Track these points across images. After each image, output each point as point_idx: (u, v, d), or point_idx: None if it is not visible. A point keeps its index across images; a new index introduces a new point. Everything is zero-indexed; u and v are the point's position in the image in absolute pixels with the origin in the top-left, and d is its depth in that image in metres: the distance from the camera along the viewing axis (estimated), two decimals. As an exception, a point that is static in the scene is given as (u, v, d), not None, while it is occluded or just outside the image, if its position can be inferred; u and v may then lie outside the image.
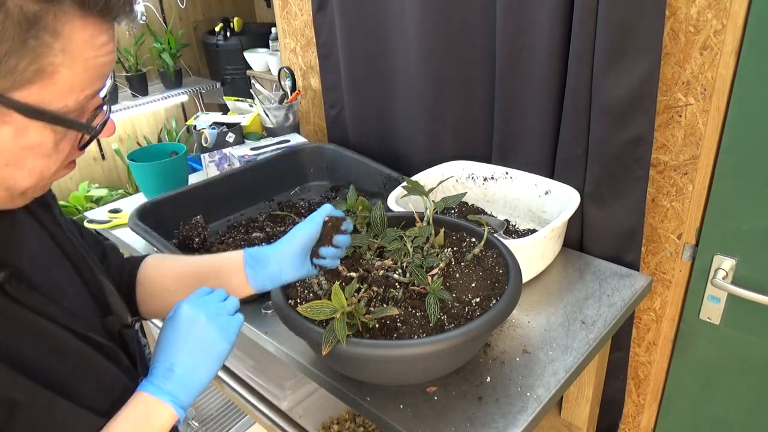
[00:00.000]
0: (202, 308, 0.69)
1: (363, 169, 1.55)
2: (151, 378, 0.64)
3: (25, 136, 0.52)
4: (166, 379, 0.64)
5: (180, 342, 0.66)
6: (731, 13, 0.96)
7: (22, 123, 0.51)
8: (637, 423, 1.43)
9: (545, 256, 1.18)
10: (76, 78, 0.52)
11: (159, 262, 0.88)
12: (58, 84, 0.51)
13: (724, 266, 1.12)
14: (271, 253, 0.84)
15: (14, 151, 0.52)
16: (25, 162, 0.53)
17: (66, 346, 0.60)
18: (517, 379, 0.94)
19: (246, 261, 0.84)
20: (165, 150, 1.63)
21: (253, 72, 3.14)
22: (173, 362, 0.65)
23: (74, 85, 0.52)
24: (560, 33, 1.13)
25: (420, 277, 0.89)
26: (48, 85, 0.50)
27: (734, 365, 1.20)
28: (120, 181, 3.38)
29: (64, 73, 0.51)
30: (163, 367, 0.65)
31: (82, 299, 0.68)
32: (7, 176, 0.53)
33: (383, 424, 0.89)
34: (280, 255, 0.84)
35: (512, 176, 1.34)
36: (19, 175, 0.54)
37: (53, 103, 0.51)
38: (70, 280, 0.68)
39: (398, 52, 1.49)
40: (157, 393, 0.63)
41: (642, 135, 1.10)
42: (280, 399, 1.28)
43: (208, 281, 0.84)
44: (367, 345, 0.79)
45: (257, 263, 0.84)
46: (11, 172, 0.53)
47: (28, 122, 0.51)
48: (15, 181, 0.54)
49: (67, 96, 0.52)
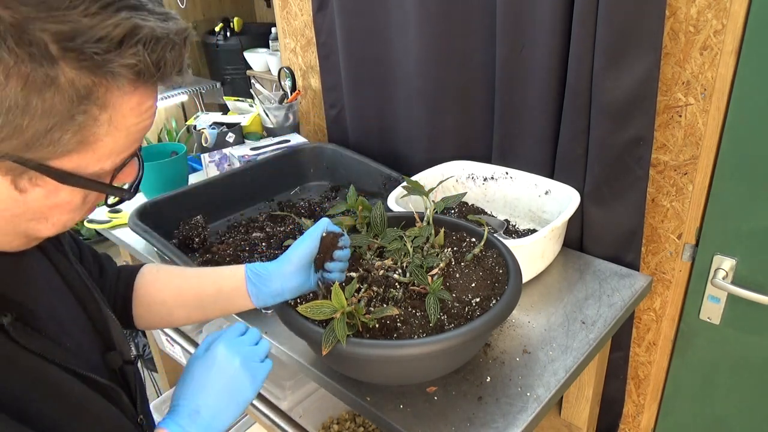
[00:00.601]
0: (238, 353, 0.69)
1: (363, 169, 1.55)
2: (176, 417, 0.64)
3: (56, 197, 0.51)
4: (192, 422, 0.63)
5: (210, 383, 0.66)
6: (731, 13, 0.97)
7: (55, 186, 0.50)
8: (637, 423, 1.43)
9: (545, 256, 1.18)
10: (116, 144, 0.51)
11: (156, 274, 0.87)
12: (98, 152, 0.50)
13: (724, 266, 1.12)
14: (274, 270, 0.83)
15: (41, 209, 0.51)
16: (51, 217, 0.53)
17: (68, 390, 0.59)
18: (517, 379, 0.94)
19: (248, 278, 0.83)
20: (165, 150, 1.63)
21: (253, 72, 3.15)
22: (200, 404, 0.64)
23: (113, 151, 0.51)
24: (560, 33, 1.13)
25: (420, 277, 0.89)
26: (88, 153, 0.49)
27: (734, 365, 1.20)
28: (120, 181, 3.38)
29: (107, 141, 0.50)
30: (189, 408, 0.64)
31: (86, 335, 0.67)
32: (30, 228, 0.53)
33: (383, 424, 0.89)
34: (282, 272, 0.83)
35: (512, 176, 1.34)
36: (42, 227, 0.54)
37: (89, 168, 0.51)
38: (75, 316, 0.67)
39: (398, 52, 1.49)
40: None
41: (642, 135, 1.10)
42: (280, 399, 1.28)
43: (208, 298, 0.84)
44: (367, 345, 0.79)
45: (260, 280, 0.83)
46: (35, 225, 0.53)
47: (62, 186, 0.50)
48: (37, 232, 0.54)
49: (104, 160, 0.51)
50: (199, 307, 0.85)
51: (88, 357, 0.65)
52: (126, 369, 0.70)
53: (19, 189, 0.49)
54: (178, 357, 1.51)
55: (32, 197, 0.50)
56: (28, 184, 0.49)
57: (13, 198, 0.49)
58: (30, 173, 0.48)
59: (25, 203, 0.50)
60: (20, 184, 0.48)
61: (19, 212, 0.51)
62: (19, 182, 0.48)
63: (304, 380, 1.30)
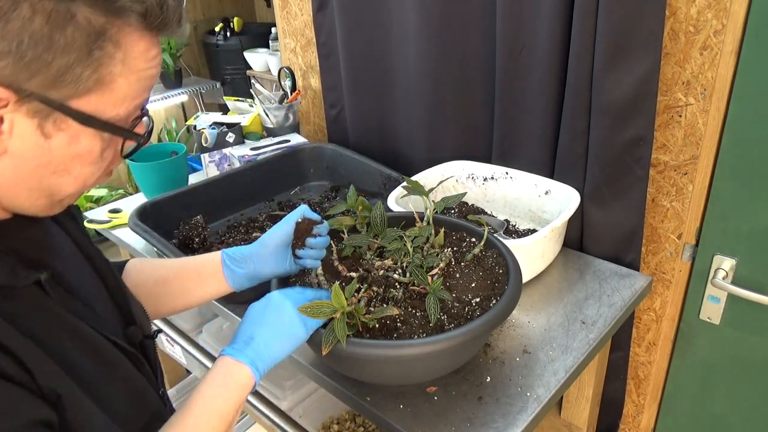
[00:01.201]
0: (290, 297, 0.77)
1: (363, 169, 1.55)
2: (233, 345, 0.72)
3: (77, 144, 0.54)
4: (246, 345, 0.71)
5: (264, 319, 0.75)
6: (731, 13, 0.97)
7: (77, 131, 0.53)
8: (637, 423, 1.43)
9: (545, 256, 1.18)
10: (130, 88, 0.54)
11: (140, 267, 0.90)
12: (114, 93, 0.53)
13: (724, 266, 1.12)
14: (248, 253, 0.89)
15: (64, 159, 0.54)
16: (73, 169, 0.55)
17: (100, 347, 0.62)
18: (517, 379, 0.94)
19: (224, 261, 0.88)
20: (165, 150, 1.63)
21: (253, 72, 3.15)
22: (254, 333, 0.73)
23: (127, 95, 0.54)
24: (560, 33, 1.13)
25: (420, 277, 0.89)
26: (105, 94, 0.53)
27: (734, 365, 1.20)
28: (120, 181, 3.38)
29: (121, 82, 0.53)
30: (245, 336, 0.73)
31: (108, 308, 0.69)
32: (53, 183, 0.55)
33: (383, 424, 0.89)
34: (256, 254, 0.89)
35: (512, 176, 1.34)
36: (65, 182, 0.56)
37: (107, 112, 0.54)
38: (96, 288, 0.69)
39: (398, 51, 1.49)
40: (238, 356, 0.70)
41: (642, 135, 1.10)
42: (280, 399, 1.28)
43: (190, 282, 0.89)
44: (367, 345, 0.79)
45: (234, 263, 0.88)
46: (57, 179, 0.55)
47: (82, 130, 0.53)
48: (60, 188, 0.56)
49: (120, 105, 0.54)
50: (182, 293, 0.89)
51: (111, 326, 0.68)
52: (146, 343, 0.73)
53: (44, 134, 0.51)
54: (178, 357, 1.51)
55: (56, 144, 0.52)
56: (52, 128, 0.51)
57: (39, 145, 0.52)
58: (54, 115, 0.51)
59: (50, 151, 0.53)
60: (45, 128, 0.51)
61: (44, 162, 0.53)
62: (44, 126, 0.51)
63: (304, 380, 1.30)
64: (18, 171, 0.53)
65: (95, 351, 0.61)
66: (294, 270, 0.91)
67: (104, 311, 0.68)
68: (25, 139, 0.51)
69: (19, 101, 0.49)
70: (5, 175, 0.53)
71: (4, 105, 0.49)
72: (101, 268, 0.71)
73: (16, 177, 0.53)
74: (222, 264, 0.88)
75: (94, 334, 0.61)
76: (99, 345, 0.62)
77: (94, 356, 0.61)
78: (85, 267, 0.69)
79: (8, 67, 0.47)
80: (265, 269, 0.89)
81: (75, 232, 0.70)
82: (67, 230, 0.69)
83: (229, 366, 0.69)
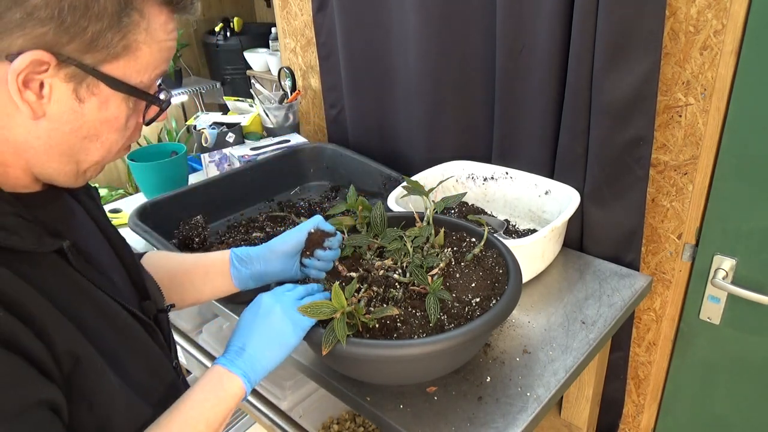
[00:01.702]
0: (279, 301, 0.78)
1: (363, 169, 1.55)
2: (225, 355, 0.73)
3: (106, 109, 0.58)
4: (238, 356, 0.72)
5: (254, 327, 0.75)
6: (731, 13, 0.97)
7: (107, 95, 0.57)
8: (637, 423, 1.43)
9: (545, 256, 1.18)
10: (152, 57, 0.59)
11: (154, 259, 0.92)
12: (139, 60, 0.58)
13: (724, 266, 1.12)
14: (255, 255, 0.90)
15: (95, 123, 0.58)
16: (101, 135, 0.59)
17: (117, 314, 0.64)
18: (517, 379, 0.94)
19: (231, 261, 0.90)
20: (165, 150, 1.63)
21: (253, 72, 3.14)
22: (245, 343, 0.73)
23: (149, 63, 0.59)
24: (560, 33, 1.13)
25: (420, 277, 0.89)
26: (131, 60, 0.57)
27: (734, 365, 1.20)
28: (120, 181, 3.39)
29: (145, 50, 0.58)
30: (236, 346, 0.73)
31: (125, 282, 0.72)
32: (82, 148, 0.59)
33: (383, 424, 0.89)
34: (263, 257, 0.90)
35: (512, 176, 1.34)
36: (92, 147, 0.60)
37: (133, 78, 0.58)
38: (112, 262, 0.72)
39: (398, 51, 1.49)
40: (230, 366, 0.71)
41: (642, 135, 1.10)
42: (280, 399, 1.28)
43: (197, 279, 0.91)
44: (367, 345, 0.79)
45: (241, 263, 0.90)
46: (87, 144, 0.59)
47: (111, 95, 0.57)
48: (87, 154, 0.60)
49: (143, 72, 0.59)
50: (191, 290, 0.91)
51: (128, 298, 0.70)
52: (160, 318, 0.76)
53: (78, 98, 0.56)
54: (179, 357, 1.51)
55: (88, 108, 0.57)
56: (86, 93, 0.56)
57: (74, 109, 0.56)
58: (88, 80, 0.55)
59: (83, 115, 0.57)
60: (80, 92, 0.55)
61: (76, 126, 0.57)
62: (79, 90, 0.55)
63: (304, 380, 1.30)
64: (52, 135, 0.57)
65: (114, 319, 0.64)
66: (300, 276, 0.93)
67: (121, 284, 0.71)
68: (61, 103, 0.55)
69: (57, 65, 0.53)
70: (41, 138, 0.56)
71: (45, 70, 0.52)
72: (118, 244, 0.74)
73: (51, 140, 0.57)
74: (230, 263, 0.90)
75: (113, 303, 0.64)
76: (117, 314, 0.64)
77: (113, 324, 0.63)
78: (103, 243, 0.72)
79: (50, 33, 0.51)
80: (271, 273, 0.91)
81: (94, 211, 0.73)
82: (87, 209, 0.72)
83: (221, 375, 0.70)
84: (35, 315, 0.53)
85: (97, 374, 0.58)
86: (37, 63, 0.52)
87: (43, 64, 0.52)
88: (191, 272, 0.91)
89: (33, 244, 0.57)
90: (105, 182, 3.29)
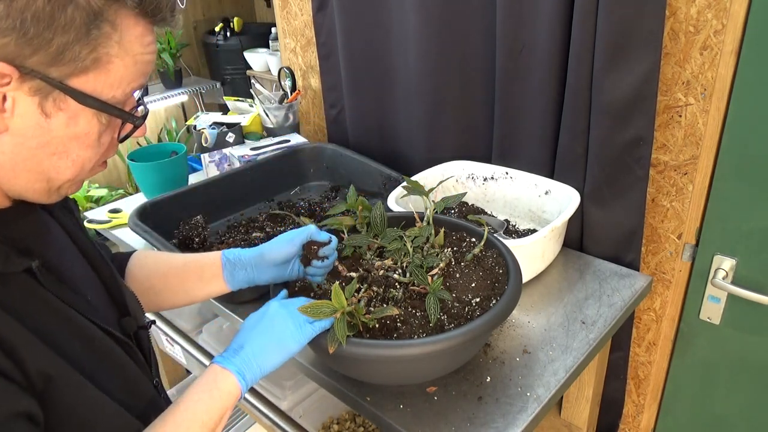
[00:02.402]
0: (286, 307, 0.77)
1: (363, 169, 1.55)
2: (223, 354, 0.72)
3: (75, 125, 0.55)
4: (235, 354, 0.71)
5: (257, 329, 0.74)
6: (731, 13, 0.97)
7: (75, 110, 0.55)
8: (637, 423, 1.43)
9: (545, 256, 1.18)
10: (126, 71, 0.56)
11: (144, 260, 0.91)
12: (111, 74, 0.55)
13: (724, 266, 1.12)
14: (246, 259, 0.90)
15: (63, 140, 0.55)
16: (71, 152, 0.57)
17: (92, 335, 0.63)
18: (517, 379, 0.94)
19: (224, 264, 0.89)
20: (165, 150, 1.63)
21: (253, 72, 3.15)
22: (244, 342, 0.73)
23: (123, 78, 0.56)
24: (560, 33, 1.13)
25: (420, 277, 0.89)
26: (102, 74, 0.55)
27: (734, 365, 1.20)
28: (120, 181, 3.39)
29: (117, 64, 0.55)
30: (235, 345, 0.73)
31: (102, 299, 0.71)
32: (52, 166, 0.57)
33: (383, 424, 0.89)
34: (255, 263, 0.90)
35: (512, 176, 1.34)
36: (63, 165, 0.57)
37: (104, 93, 0.55)
38: (90, 279, 0.70)
39: (398, 51, 1.49)
40: (225, 364, 0.70)
41: (642, 135, 1.10)
42: (280, 399, 1.28)
43: (190, 281, 0.90)
44: (367, 345, 0.79)
45: (233, 266, 0.89)
46: (56, 161, 0.56)
47: (80, 110, 0.55)
48: (58, 172, 0.57)
49: (116, 87, 0.56)
50: (182, 291, 0.90)
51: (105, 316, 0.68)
52: (140, 334, 0.74)
53: (44, 113, 0.53)
54: (179, 357, 1.50)
55: (55, 124, 0.54)
56: (52, 107, 0.53)
57: (39, 124, 0.54)
58: (54, 94, 0.53)
59: (50, 131, 0.54)
60: (46, 106, 0.53)
61: (43, 142, 0.55)
62: (44, 105, 0.53)
63: (304, 380, 1.30)
64: (18, 151, 0.54)
65: (88, 339, 0.62)
66: (292, 277, 0.92)
67: (98, 301, 0.69)
68: (26, 118, 0.53)
69: (21, 78, 0.51)
70: (5, 154, 0.54)
71: (7, 83, 0.51)
72: (95, 260, 0.72)
73: (16, 157, 0.55)
74: (222, 266, 0.89)
75: (86, 322, 0.62)
76: (91, 333, 0.62)
77: (87, 343, 0.61)
78: (79, 259, 0.70)
79: (11, 44, 0.49)
80: (262, 277, 0.90)
81: (70, 226, 0.71)
82: (62, 224, 0.70)
83: (216, 373, 0.70)
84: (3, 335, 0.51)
85: (77, 388, 0.57)
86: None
87: (4, 76, 0.50)
88: (184, 275, 0.90)
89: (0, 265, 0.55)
90: (105, 182, 3.29)
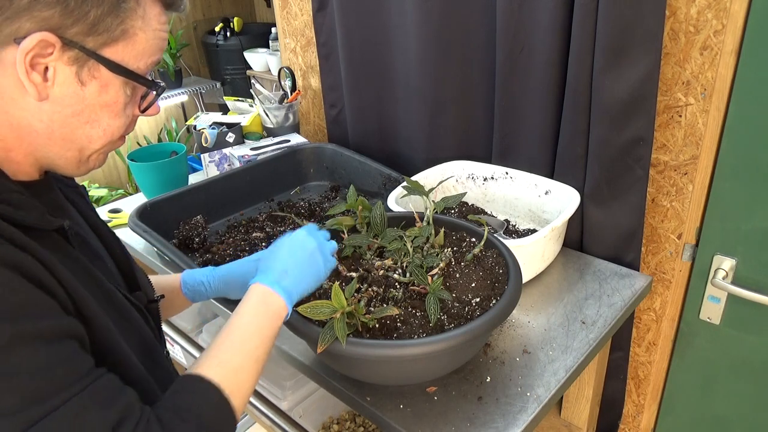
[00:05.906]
0: (316, 238, 0.83)
1: (363, 169, 1.55)
2: (268, 275, 0.76)
3: (106, 93, 0.60)
4: (283, 278, 0.76)
5: (295, 254, 0.80)
6: (731, 13, 0.97)
7: (107, 79, 0.60)
8: (637, 423, 1.43)
9: (545, 256, 1.18)
10: (148, 44, 0.62)
11: None
12: (136, 46, 0.61)
13: (724, 266, 1.12)
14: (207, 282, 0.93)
15: (95, 108, 0.61)
16: (102, 120, 0.62)
17: (114, 297, 0.66)
18: (517, 379, 0.94)
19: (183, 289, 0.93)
20: (165, 150, 1.63)
21: (253, 72, 3.15)
22: (288, 268, 0.77)
23: (145, 50, 0.62)
24: (560, 33, 1.13)
25: (420, 277, 0.89)
26: (129, 45, 0.60)
27: (734, 365, 1.20)
28: (120, 181, 3.39)
29: (141, 36, 0.61)
30: (280, 269, 0.77)
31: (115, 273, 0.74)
32: (84, 134, 0.62)
33: (383, 424, 0.89)
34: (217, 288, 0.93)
35: (512, 176, 1.34)
36: (95, 134, 0.62)
37: (131, 63, 0.61)
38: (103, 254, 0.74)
39: (398, 52, 1.49)
40: (274, 286, 0.74)
41: (642, 135, 1.10)
42: (280, 399, 1.28)
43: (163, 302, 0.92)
44: (367, 345, 0.79)
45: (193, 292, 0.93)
46: (89, 130, 0.61)
47: (111, 78, 0.60)
48: (90, 140, 0.62)
49: (140, 58, 0.62)
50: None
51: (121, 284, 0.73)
52: (151, 308, 0.77)
53: (80, 81, 0.58)
54: (179, 357, 1.51)
55: (89, 92, 0.59)
56: (87, 76, 0.59)
57: (76, 92, 0.59)
58: (90, 63, 0.58)
59: (84, 99, 0.59)
60: (82, 75, 0.58)
61: (78, 110, 0.60)
62: (81, 74, 0.58)
63: (304, 380, 1.30)
64: (55, 118, 0.59)
65: (111, 299, 0.65)
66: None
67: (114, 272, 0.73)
68: (64, 87, 0.58)
69: (62, 48, 0.56)
70: (43, 122, 0.59)
71: (50, 53, 0.55)
72: (108, 239, 0.76)
73: (53, 125, 0.59)
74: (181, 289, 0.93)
75: (109, 285, 0.66)
76: (114, 295, 0.66)
77: (111, 304, 0.65)
78: (92, 236, 0.74)
79: (55, 16, 0.54)
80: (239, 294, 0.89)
81: (85, 209, 0.76)
82: (77, 207, 0.74)
83: (264, 294, 0.73)
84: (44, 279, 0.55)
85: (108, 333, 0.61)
86: (44, 44, 0.54)
87: (48, 46, 0.55)
88: None
89: (37, 219, 0.59)
90: (105, 182, 3.29)
